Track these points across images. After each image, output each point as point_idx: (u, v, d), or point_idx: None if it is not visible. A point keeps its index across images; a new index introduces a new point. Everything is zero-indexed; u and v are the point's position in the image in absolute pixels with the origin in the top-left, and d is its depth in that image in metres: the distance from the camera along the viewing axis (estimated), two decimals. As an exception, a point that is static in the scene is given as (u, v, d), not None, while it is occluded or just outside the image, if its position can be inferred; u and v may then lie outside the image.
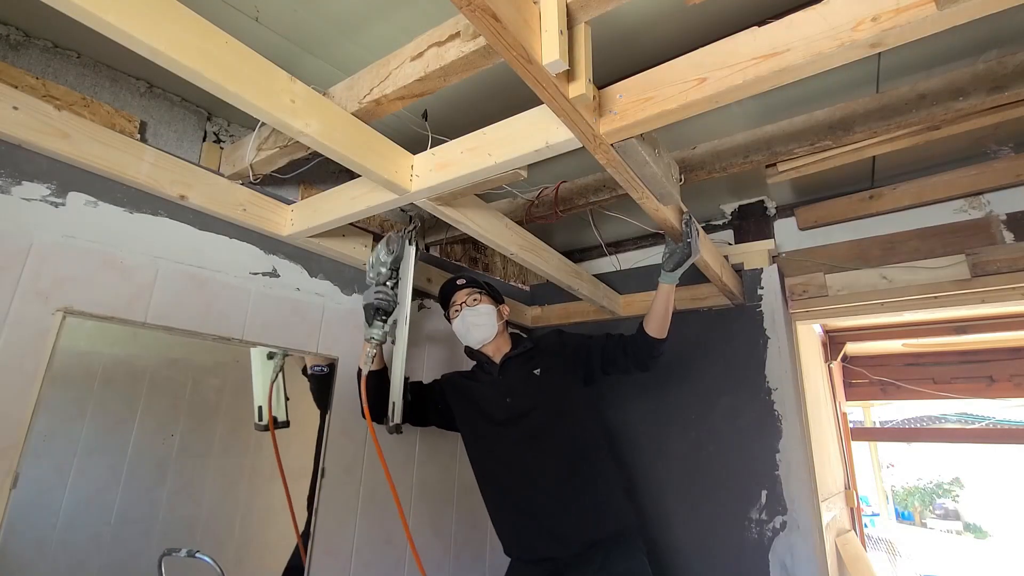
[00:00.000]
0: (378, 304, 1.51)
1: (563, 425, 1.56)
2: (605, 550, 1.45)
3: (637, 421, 2.15)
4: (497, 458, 1.59)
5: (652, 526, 1.95)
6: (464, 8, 0.68)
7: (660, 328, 1.58)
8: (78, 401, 1.20)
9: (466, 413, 1.66)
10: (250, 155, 1.46)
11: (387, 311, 1.53)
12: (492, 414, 1.60)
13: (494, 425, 1.59)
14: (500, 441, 1.58)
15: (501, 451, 1.58)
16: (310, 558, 1.51)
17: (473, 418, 1.64)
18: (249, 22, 1.28)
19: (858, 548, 3.01)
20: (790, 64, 0.80)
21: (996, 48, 1.34)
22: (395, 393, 1.51)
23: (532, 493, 1.51)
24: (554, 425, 1.55)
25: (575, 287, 1.91)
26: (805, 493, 1.72)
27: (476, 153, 1.14)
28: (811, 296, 2.00)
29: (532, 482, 1.52)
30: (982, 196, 1.84)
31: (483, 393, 1.64)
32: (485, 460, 1.63)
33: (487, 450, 1.62)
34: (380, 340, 1.52)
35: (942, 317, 3.31)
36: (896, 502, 11.49)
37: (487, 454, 1.62)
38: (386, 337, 1.53)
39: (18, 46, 1.31)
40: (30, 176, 1.16)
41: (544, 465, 1.51)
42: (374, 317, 1.52)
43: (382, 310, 1.52)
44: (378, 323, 1.52)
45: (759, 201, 2.23)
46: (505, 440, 1.57)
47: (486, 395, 1.63)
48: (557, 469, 1.51)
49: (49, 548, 1.12)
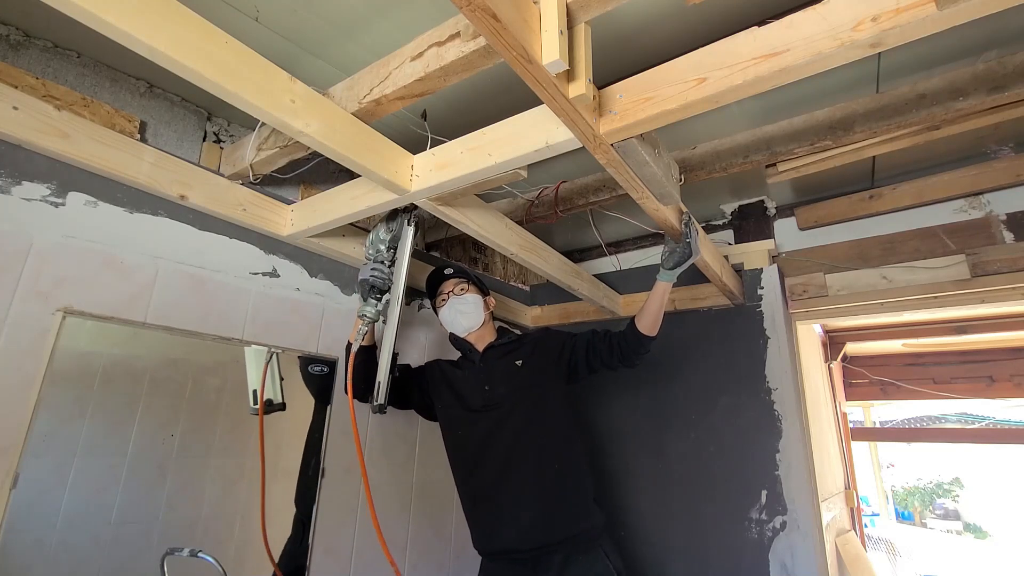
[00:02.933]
0: (372, 281, 1.51)
1: (538, 418, 1.56)
2: (565, 555, 1.44)
3: (637, 421, 2.15)
4: (470, 445, 1.59)
5: (652, 526, 1.95)
6: (464, 8, 0.68)
7: (652, 326, 1.59)
8: (78, 401, 1.20)
9: (445, 398, 1.66)
10: (250, 155, 1.46)
11: (381, 289, 1.53)
12: (470, 401, 1.61)
13: (470, 412, 1.60)
14: (474, 428, 1.58)
15: (475, 438, 1.58)
16: (310, 558, 1.51)
17: (451, 403, 1.65)
18: (249, 22, 1.28)
19: (858, 548, 3.01)
20: (790, 64, 0.80)
21: (996, 48, 1.34)
22: (382, 373, 1.51)
23: (499, 482, 1.51)
24: (529, 417, 1.55)
25: (575, 287, 1.91)
26: (805, 493, 1.72)
27: (476, 153, 1.14)
28: (811, 296, 2.00)
29: (500, 471, 1.51)
30: (982, 196, 1.84)
31: (464, 380, 1.65)
32: (459, 446, 1.63)
33: (462, 436, 1.62)
34: (372, 318, 1.53)
35: (942, 317, 3.32)
36: (896, 502, 11.48)
37: (461, 440, 1.62)
38: (379, 315, 1.54)
39: (18, 46, 1.32)
40: (30, 176, 1.16)
41: (513, 455, 1.51)
42: (368, 294, 1.53)
43: (376, 287, 1.52)
44: (372, 300, 1.53)
45: (759, 201, 2.23)
46: (479, 427, 1.57)
47: (466, 382, 1.64)
48: (526, 461, 1.51)
49: (49, 548, 1.12)
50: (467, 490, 1.60)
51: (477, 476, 1.57)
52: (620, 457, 2.15)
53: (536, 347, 1.68)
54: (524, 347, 1.68)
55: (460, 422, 1.62)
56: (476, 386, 1.62)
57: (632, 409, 2.18)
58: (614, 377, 2.02)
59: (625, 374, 2.16)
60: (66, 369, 1.16)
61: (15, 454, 1.06)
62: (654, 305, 1.57)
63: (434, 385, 1.69)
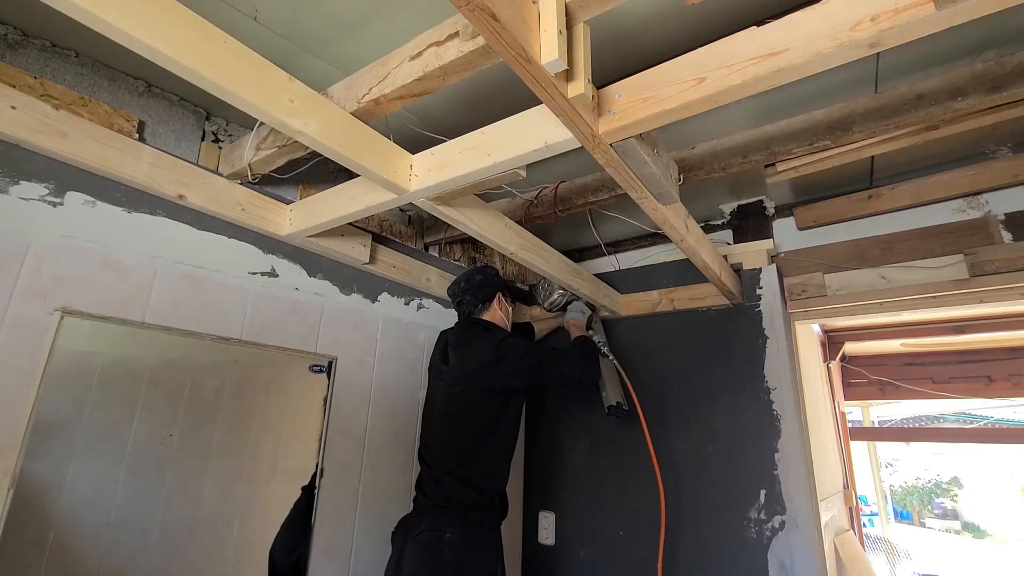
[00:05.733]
0: None
1: (472, 400, 1.63)
2: (420, 534, 1.49)
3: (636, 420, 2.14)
4: (427, 408, 1.75)
5: (650, 525, 1.95)
6: (463, 8, 0.68)
7: None
8: (76, 401, 1.19)
9: None
10: (249, 155, 1.46)
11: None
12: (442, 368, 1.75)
13: (439, 377, 1.74)
14: (435, 392, 1.73)
15: (431, 402, 1.73)
16: (310, 558, 1.51)
17: None
18: (248, 22, 1.28)
19: (857, 547, 3.01)
20: (789, 64, 0.80)
21: (994, 48, 1.34)
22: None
23: (426, 450, 1.65)
24: (464, 397, 1.63)
25: (575, 287, 1.91)
26: (804, 493, 1.73)
27: (475, 153, 1.14)
28: (810, 296, 2.00)
29: (429, 437, 1.67)
30: (980, 196, 1.84)
31: None
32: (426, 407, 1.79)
33: (428, 398, 1.78)
34: None
35: (941, 317, 3.32)
36: (895, 501, 11.50)
37: (427, 401, 1.78)
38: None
39: (16, 45, 1.31)
40: (28, 175, 1.16)
41: (442, 426, 1.63)
42: None
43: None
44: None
45: (758, 201, 2.23)
46: (435, 392, 1.73)
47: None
48: (446, 435, 1.61)
49: (47, 548, 1.12)
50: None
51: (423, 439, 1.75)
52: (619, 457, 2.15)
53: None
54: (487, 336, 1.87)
55: (431, 384, 1.86)
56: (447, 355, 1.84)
57: (631, 409, 2.18)
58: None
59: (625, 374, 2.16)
60: (64, 369, 1.15)
61: (14, 454, 1.06)
62: None
63: None
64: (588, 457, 2.21)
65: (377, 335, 1.85)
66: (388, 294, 1.92)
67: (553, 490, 2.26)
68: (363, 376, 1.78)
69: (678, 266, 2.16)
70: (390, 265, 1.89)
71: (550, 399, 2.39)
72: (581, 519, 2.15)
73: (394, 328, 1.91)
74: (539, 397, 2.43)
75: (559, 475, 2.26)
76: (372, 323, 1.84)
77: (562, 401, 2.34)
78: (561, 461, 2.27)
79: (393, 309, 1.93)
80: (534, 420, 2.41)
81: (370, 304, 1.84)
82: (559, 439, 2.31)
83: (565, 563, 2.13)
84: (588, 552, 2.09)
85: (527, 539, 2.26)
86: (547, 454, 2.33)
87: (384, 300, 1.90)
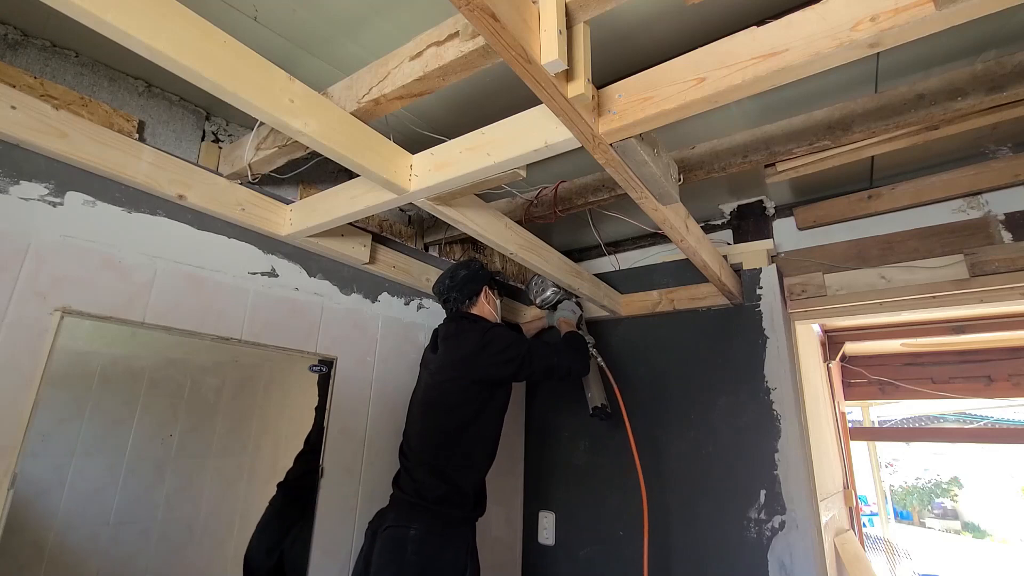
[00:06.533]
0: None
1: (453, 391, 1.62)
2: (387, 529, 1.48)
3: (635, 420, 2.14)
4: (411, 400, 1.75)
5: (650, 525, 1.95)
6: (463, 8, 0.68)
7: None
8: (76, 401, 1.19)
9: None
10: (249, 155, 1.46)
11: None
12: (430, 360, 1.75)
13: (425, 367, 1.75)
14: (419, 384, 1.74)
15: (415, 394, 1.74)
16: (310, 558, 1.51)
17: None
18: (248, 21, 1.28)
19: (856, 547, 3.01)
20: (789, 64, 0.80)
21: (994, 48, 1.34)
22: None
23: (405, 442, 1.65)
24: (446, 386, 1.62)
25: (576, 287, 1.91)
26: (804, 493, 1.73)
27: (475, 153, 1.14)
28: (810, 296, 2.00)
29: (409, 428, 1.67)
30: (980, 196, 1.84)
31: None
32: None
33: (414, 390, 1.78)
34: None
35: (940, 317, 3.32)
36: (895, 501, 11.50)
37: (412, 393, 1.78)
38: None
39: (16, 45, 1.31)
40: (28, 175, 1.16)
41: (421, 416, 1.64)
42: None
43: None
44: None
45: (758, 201, 2.23)
46: (419, 383, 1.75)
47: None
48: (424, 424, 1.62)
49: (47, 548, 1.12)
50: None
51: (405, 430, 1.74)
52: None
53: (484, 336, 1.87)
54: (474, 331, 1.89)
55: (420, 376, 1.85)
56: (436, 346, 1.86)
57: (631, 409, 2.18)
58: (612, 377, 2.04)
59: (625, 374, 2.16)
60: (64, 369, 1.15)
61: (13, 454, 1.06)
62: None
63: None
64: (588, 457, 2.21)
65: (377, 335, 1.85)
66: (388, 294, 1.92)
67: (553, 490, 2.26)
68: (363, 376, 1.78)
69: (678, 266, 2.17)
70: (390, 265, 1.89)
71: (550, 399, 2.39)
72: (581, 519, 2.15)
73: (394, 328, 1.91)
74: (538, 397, 2.43)
75: (559, 475, 2.26)
76: (372, 323, 1.84)
77: (562, 401, 2.34)
78: (561, 461, 2.28)
79: (393, 309, 1.93)
80: (534, 420, 2.42)
81: (370, 304, 1.84)
82: (559, 439, 2.31)
83: (565, 563, 2.13)
84: (588, 552, 2.09)
85: (527, 539, 2.26)
86: (547, 454, 2.33)
87: (384, 300, 1.90)
